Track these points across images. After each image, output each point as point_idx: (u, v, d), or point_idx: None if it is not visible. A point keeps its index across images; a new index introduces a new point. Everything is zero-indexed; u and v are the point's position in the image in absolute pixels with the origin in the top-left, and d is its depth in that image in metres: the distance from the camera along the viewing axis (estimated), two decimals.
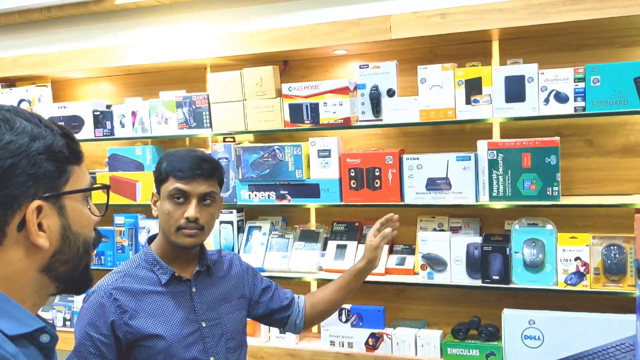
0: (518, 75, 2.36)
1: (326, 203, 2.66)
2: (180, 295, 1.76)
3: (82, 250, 0.96)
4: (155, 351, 1.69)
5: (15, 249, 0.89)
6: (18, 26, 3.41)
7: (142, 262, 1.77)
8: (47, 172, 0.89)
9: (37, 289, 0.93)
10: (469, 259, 2.45)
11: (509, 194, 2.39)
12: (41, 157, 0.89)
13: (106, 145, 3.14)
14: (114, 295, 1.69)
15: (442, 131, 2.68)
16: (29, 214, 0.88)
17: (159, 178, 1.77)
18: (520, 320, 2.38)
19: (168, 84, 3.10)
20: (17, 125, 0.88)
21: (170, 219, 1.73)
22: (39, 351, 0.92)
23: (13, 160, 0.86)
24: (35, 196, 0.88)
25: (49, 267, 0.93)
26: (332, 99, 2.59)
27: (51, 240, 0.91)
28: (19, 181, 0.86)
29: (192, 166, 1.73)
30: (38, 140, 0.89)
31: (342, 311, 2.67)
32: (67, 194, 0.93)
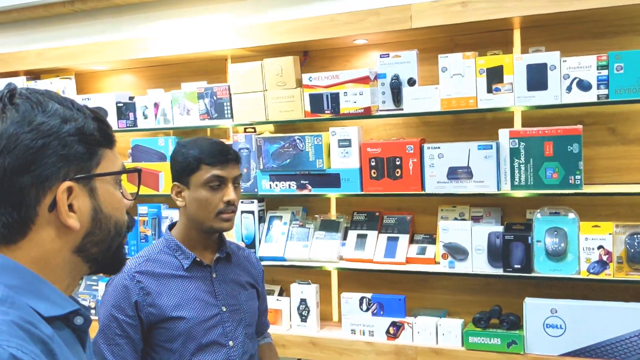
0: (540, 64, 2.34)
1: (347, 193, 2.68)
2: (201, 280, 1.79)
3: (113, 232, 0.97)
4: (176, 333, 1.72)
5: (47, 230, 0.90)
6: (42, 20, 3.46)
7: (164, 247, 1.80)
8: (78, 154, 0.91)
9: (70, 270, 0.95)
10: (490, 248, 2.45)
11: (530, 183, 2.38)
12: (72, 138, 0.90)
13: (129, 137, 3.18)
14: (137, 278, 1.72)
15: (462, 120, 2.68)
16: (59, 194, 0.89)
17: (188, 168, 1.76)
18: (542, 309, 2.37)
19: (189, 75, 3.13)
20: (49, 107, 0.90)
21: (209, 205, 1.74)
22: (72, 333, 0.94)
23: (44, 140, 0.87)
24: (66, 177, 0.90)
25: (81, 248, 0.94)
26: (352, 88, 2.60)
27: (82, 221, 0.92)
28: (50, 162, 0.88)
29: (224, 152, 1.77)
30: (69, 123, 0.90)
31: (362, 300, 2.69)
32: (98, 177, 0.94)
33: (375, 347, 2.63)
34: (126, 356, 1.70)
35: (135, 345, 1.71)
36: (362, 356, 2.65)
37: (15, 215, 0.88)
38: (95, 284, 3.23)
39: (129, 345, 1.70)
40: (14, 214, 0.88)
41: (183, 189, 1.78)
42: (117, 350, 1.69)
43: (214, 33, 2.82)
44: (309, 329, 2.79)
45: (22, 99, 0.89)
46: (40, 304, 0.88)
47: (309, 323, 2.79)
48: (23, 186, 0.87)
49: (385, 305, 2.65)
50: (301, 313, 2.81)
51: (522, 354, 2.40)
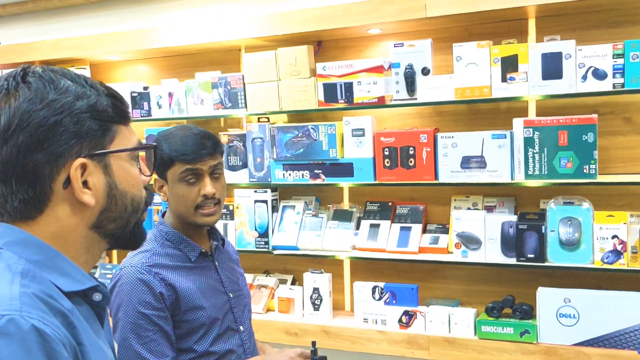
0: (555, 52, 2.34)
1: (360, 182, 2.68)
2: (206, 269, 1.77)
3: (130, 208, 0.97)
4: (197, 324, 1.69)
5: (62, 206, 0.91)
6: (57, 10, 3.49)
7: (165, 240, 1.72)
8: (91, 131, 0.91)
9: (88, 245, 0.96)
10: (503, 238, 2.45)
11: (544, 172, 2.38)
12: (84, 115, 0.90)
13: (143, 126, 3.20)
14: (154, 270, 1.65)
15: (476, 110, 2.67)
16: (72, 170, 0.89)
17: (163, 164, 1.68)
18: (556, 298, 2.37)
19: (203, 65, 3.14)
20: (61, 85, 0.90)
21: (186, 200, 1.68)
22: (91, 310, 0.95)
23: (57, 118, 0.88)
24: (80, 154, 0.90)
25: (98, 225, 0.95)
26: (366, 78, 2.60)
27: (97, 197, 0.93)
28: (63, 139, 0.88)
29: (197, 146, 1.69)
30: (82, 99, 0.90)
31: (375, 289, 2.70)
32: (112, 153, 0.94)
33: (387, 336, 2.64)
34: (164, 350, 1.62)
35: (170, 337, 1.64)
36: (374, 345, 2.66)
37: (31, 192, 0.89)
38: (110, 272, 3.26)
39: (164, 339, 1.63)
40: (30, 191, 0.89)
41: (163, 183, 1.71)
42: (154, 346, 1.61)
43: (228, 23, 2.83)
44: (322, 317, 2.81)
45: (34, 78, 0.89)
46: (60, 279, 0.89)
47: (322, 312, 2.81)
48: (37, 163, 0.88)
49: (398, 294, 2.66)
50: (314, 302, 2.83)
51: (535, 343, 2.40)
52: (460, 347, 2.52)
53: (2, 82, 0.89)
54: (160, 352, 1.61)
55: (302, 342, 2.77)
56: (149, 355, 1.60)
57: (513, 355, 2.43)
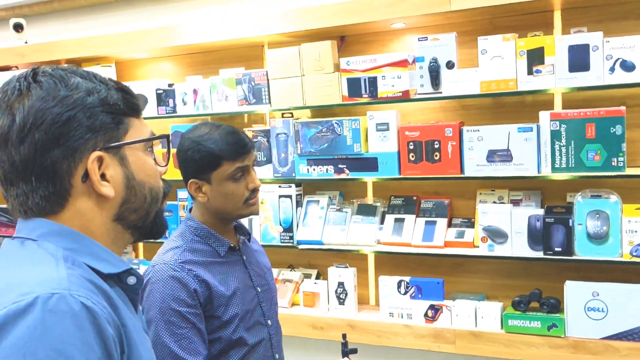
0: (582, 44, 2.32)
1: (384, 176, 2.69)
2: (235, 264, 1.78)
3: (149, 198, 1.00)
4: (227, 319, 1.69)
5: (84, 200, 0.93)
6: (83, 9, 3.53)
7: (194, 236, 1.73)
8: (104, 124, 0.93)
9: (113, 237, 0.98)
10: (530, 231, 2.44)
11: (572, 165, 2.36)
12: (97, 109, 0.92)
13: (168, 123, 3.24)
14: (187, 267, 1.65)
15: (501, 103, 2.66)
16: (90, 164, 0.91)
17: (207, 166, 1.68)
18: (584, 291, 2.36)
19: (227, 62, 3.16)
20: (71, 82, 0.92)
21: (236, 196, 1.70)
22: (124, 293, 0.97)
23: (70, 113, 0.90)
24: (95, 147, 0.92)
25: (120, 216, 0.97)
26: (390, 72, 2.60)
27: (116, 189, 0.95)
28: (78, 133, 0.90)
29: (242, 143, 1.71)
30: (93, 94, 0.93)
31: (401, 283, 2.70)
32: (127, 145, 0.96)
33: (413, 330, 2.64)
34: (198, 348, 1.62)
35: (203, 335, 1.65)
36: (400, 339, 2.67)
37: (51, 188, 0.91)
38: (137, 266, 3.30)
39: (198, 336, 1.63)
40: (50, 187, 0.91)
41: (203, 184, 1.70)
42: (187, 343, 1.61)
43: (252, 19, 2.85)
44: (347, 311, 2.82)
45: (45, 77, 0.91)
46: (98, 263, 0.92)
47: (347, 306, 2.82)
48: (55, 159, 0.90)
49: (424, 288, 2.66)
50: (339, 296, 2.84)
51: (563, 337, 2.39)
52: (486, 341, 2.51)
53: (13, 84, 0.92)
54: (194, 350, 1.61)
55: (328, 336, 2.79)
56: (182, 352, 1.59)
57: (540, 349, 2.42)
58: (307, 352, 2.99)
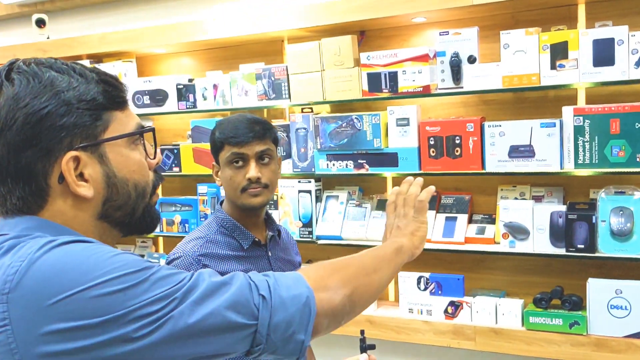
0: (607, 38, 2.28)
1: (405, 172, 2.67)
2: (259, 259, 1.78)
3: (134, 195, 0.95)
4: None
5: (63, 200, 0.90)
6: (104, 5, 3.56)
7: (220, 227, 1.76)
8: (80, 122, 0.88)
9: (100, 235, 0.94)
10: (552, 228, 2.41)
11: (595, 161, 2.33)
12: (71, 106, 0.88)
13: (189, 118, 3.25)
14: (202, 262, 1.68)
15: (523, 98, 2.63)
16: (64, 165, 0.87)
17: (215, 148, 1.77)
18: (607, 289, 2.33)
19: (247, 57, 3.17)
20: (45, 78, 0.87)
21: (233, 183, 1.73)
22: None
23: (42, 112, 0.86)
24: (71, 146, 0.88)
25: (104, 215, 0.93)
26: (411, 67, 2.58)
27: (96, 188, 0.91)
28: (51, 133, 0.86)
29: (245, 130, 1.73)
30: (67, 91, 0.88)
31: (420, 279, 2.69)
32: (105, 142, 0.91)
33: (433, 326, 2.63)
34: None
35: None
36: (419, 335, 2.66)
37: (27, 189, 0.88)
38: (157, 261, 3.32)
39: None
40: (26, 189, 0.88)
41: (218, 168, 1.78)
42: None
43: (271, 14, 2.85)
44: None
45: (18, 74, 0.88)
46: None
47: None
48: (29, 161, 0.86)
49: (444, 284, 2.65)
50: None
51: (585, 335, 2.37)
52: (507, 338, 2.49)
53: None
54: None
55: (348, 332, 2.77)
56: None
57: (562, 347, 2.39)
58: (325, 347, 2.98)
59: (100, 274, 0.79)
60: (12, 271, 0.79)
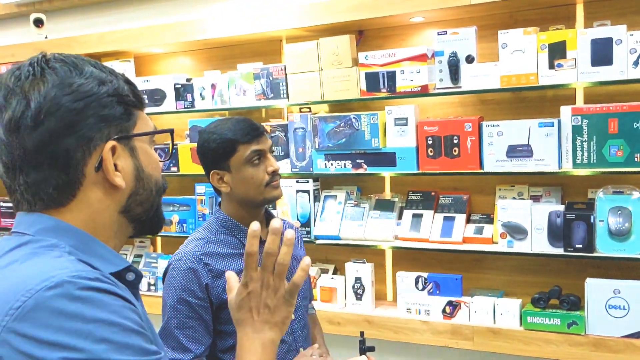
0: (605, 38, 2.28)
1: (403, 171, 2.67)
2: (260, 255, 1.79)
3: (154, 191, 0.99)
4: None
5: (94, 190, 0.92)
6: (102, 4, 3.55)
7: (220, 227, 1.78)
8: (117, 114, 0.92)
9: (117, 230, 0.97)
10: (550, 228, 2.41)
11: (593, 161, 2.33)
12: (110, 99, 0.91)
13: (187, 118, 3.25)
14: (204, 260, 1.71)
15: (522, 98, 2.63)
16: (105, 153, 0.90)
17: (222, 153, 1.74)
18: (605, 289, 2.33)
19: (245, 56, 3.16)
20: (85, 70, 0.91)
21: (256, 180, 1.74)
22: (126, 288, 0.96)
23: (85, 102, 0.89)
24: (109, 137, 0.91)
25: (126, 208, 0.96)
26: (409, 66, 2.58)
27: (126, 180, 0.94)
28: (92, 122, 0.89)
29: (253, 127, 1.77)
30: (106, 84, 0.91)
31: (418, 279, 2.69)
32: (137, 136, 0.96)
33: (431, 326, 2.63)
34: (200, 337, 1.69)
35: (208, 326, 1.71)
36: (418, 335, 2.66)
37: (64, 177, 0.89)
38: (155, 261, 3.32)
39: (202, 327, 1.69)
40: (63, 176, 0.89)
41: (224, 174, 1.75)
42: (191, 332, 1.68)
43: (269, 14, 2.84)
44: (364, 307, 2.81)
45: (59, 63, 0.90)
46: (96, 262, 0.91)
47: (364, 301, 2.81)
48: (69, 148, 0.88)
49: (442, 284, 2.65)
50: (356, 291, 2.83)
51: (583, 335, 2.36)
52: (505, 338, 2.49)
53: (26, 68, 0.90)
54: (197, 339, 1.68)
55: (345, 332, 2.78)
56: (186, 340, 1.67)
57: (560, 347, 2.39)
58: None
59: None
60: (16, 305, 0.79)
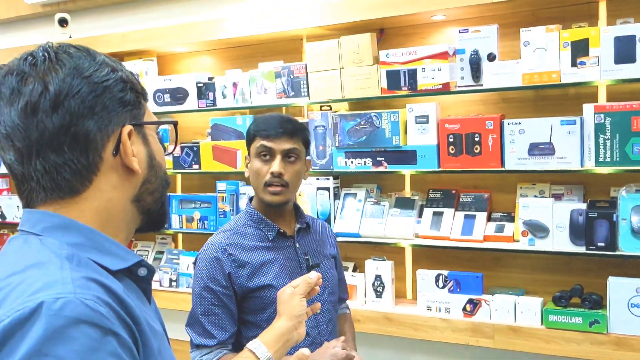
0: (629, 35, 2.27)
1: (424, 169, 2.67)
2: (285, 249, 1.86)
3: (163, 181, 1.00)
4: (267, 301, 1.77)
5: (110, 176, 0.91)
6: (125, 4, 3.60)
7: (248, 220, 1.85)
8: (131, 100, 0.93)
9: (128, 221, 0.96)
10: (572, 226, 2.40)
11: (616, 159, 2.32)
12: (125, 85, 0.92)
13: (208, 116, 3.28)
14: (228, 251, 1.78)
15: (543, 96, 2.62)
16: (124, 136, 0.91)
17: (248, 139, 1.86)
18: (627, 288, 2.32)
19: (266, 55, 3.19)
20: (97, 57, 0.92)
21: (258, 176, 1.80)
22: (134, 285, 0.94)
23: (105, 84, 0.90)
24: (125, 122, 0.92)
25: (138, 197, 0.96)
26: (430, 64, 2.59)
27: (140, 167, 0.94)
28: (111, 105, 0.90)
29: (276, 125, 1.81)
30: (118, 72, 0.93)
31: (439, 277, 2.69)
32: (148, 124, 0.96)
33: (451, 324, 2.63)
34: (224, 325, 1.75)
35: (232, 314, 1.77)
36: (437, 332, 2.66)
37: (83, 160, 0.88)
38: (177, 257, 3.36)
39: (226, 314, 1.76)
40: (82, 159, 0.88)
41: (248, 160, 1.87)
42: (215, 319, 1.75)
43: (291, 13, 2.86)
44: (384, 304, 2.82)
45: (72, 49, 0.91)
46: (105, 259, 0.89)
47: (384, 299, 2.82)
48: (89, 130, 0.88)
49: (462, 282, 2.65)
50: (376, 289, 2.84)
51: (605, 334, 2.35)
52: (526, 336, 2.49)
53: (40, 54, 0.89)
54: (221, 326, 1.75)
55: (365, 329, 2.79)
56: (210, 326, 1.74)
57: (582, 345, 2.38)
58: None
59: None
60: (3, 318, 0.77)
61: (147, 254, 3.54)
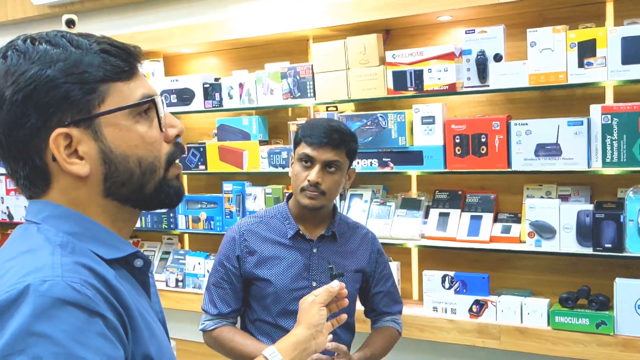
0: (636, 36, 2.26)
1: (430, 170, 2.67)
2: (300, 252, 1.90)
3: (139, 171, 0.90)
4: (265, 293, 1.89)
5: (64, 178, 0.88)
6: (133, 5, 3.61)
7: (277, 214, 1.95)
8: (70, 96, 0.84)
9: (113, 214, 0.92)
10: (579, 227, 2.39)
11: (623, 160, 2.31)
12: (58, 81, 0.84)
13: (215, 117, 3.29)
14: (244, 236, 1.91)
15: (550, 97, 2.62)
16: (51, 143, 0.84)
17: (295, 141, 1.91)
18: (635, 289, 2.31)
19: (272, 56, 3.19)
20: (34, 54, 0.84)
21: (297, 179, 1.87)
22: (131, 276, 0.94)
23: (25, 91, 0.83)
24: (61, 123, 0.84)
25: (109, 192, 0.90)
26: (437, 65, 2.58)
27: (93, 165, 0.87)
28: (38, 111, 0.83)
29: (322, 134, 1.82)
30: (53, 65, 0.84)
31: (445, 278, 2.69)
32: (97, 117, 0.86)
33: (457, 325, 2.63)
34: (229, 300, 1.93)
35: (238, 292, 1.93)
36: (444, 333, 2.66)
37: (27, 168, 0.87)
38: (183, 257, 3.37)
39: (232, 291, 1.92)
40: (26, 168, 0.87)
41: (293, 161, 1.92)
42: (222, 293, 1.93)
43: (297, 13, 2.87)
44: None
45: (12, 51, 0.86)
46: (100, 248, 0.88)
47: None
48: (21, 139, 0.85)
49: (469, 283, 2.64)
50: None
51: (612, 335, 2.34)
52: (533, 338, 2.48)
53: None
54: (225, 301, 1.93)
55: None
56: (216, 298, 1.93)
57: (588, 347, 2.37)
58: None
59: None
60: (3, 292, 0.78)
61: (153, 254, 3.55)
